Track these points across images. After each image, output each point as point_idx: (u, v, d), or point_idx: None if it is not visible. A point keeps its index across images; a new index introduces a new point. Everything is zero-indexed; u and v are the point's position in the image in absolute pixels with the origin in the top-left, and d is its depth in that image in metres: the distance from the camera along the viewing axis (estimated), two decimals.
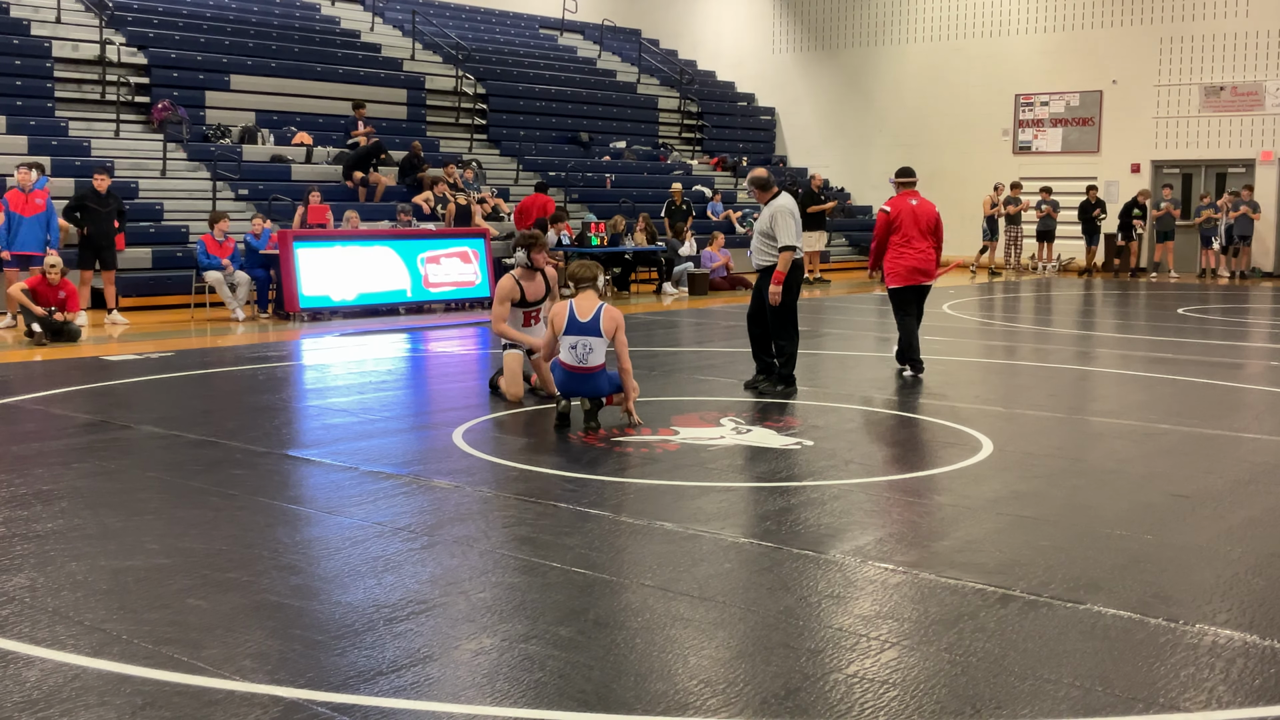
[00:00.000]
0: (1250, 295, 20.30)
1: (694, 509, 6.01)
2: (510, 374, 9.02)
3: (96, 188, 14.57)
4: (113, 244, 14.73)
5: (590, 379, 7.96)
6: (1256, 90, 24.07)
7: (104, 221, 14.51)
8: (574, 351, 7.93)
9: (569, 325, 7.95)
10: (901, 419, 8.48)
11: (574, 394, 7.97)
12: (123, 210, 15.05)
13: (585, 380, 7.94)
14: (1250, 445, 7.71)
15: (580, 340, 7.93)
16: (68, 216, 14.61)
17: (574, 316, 7.97)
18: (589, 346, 7.92)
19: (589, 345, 7.93)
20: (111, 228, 14.66)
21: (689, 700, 3.72)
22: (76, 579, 4.81)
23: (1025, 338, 14.48)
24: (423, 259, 16.61)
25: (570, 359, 7.94)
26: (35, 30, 19.90)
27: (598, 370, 7.98)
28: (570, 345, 7.94)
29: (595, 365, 7.95)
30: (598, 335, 7.95)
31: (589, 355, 7.93)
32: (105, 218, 14.53)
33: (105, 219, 14.52)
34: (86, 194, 14.58)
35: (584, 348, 7.92)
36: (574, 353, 7.93)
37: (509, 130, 24.95)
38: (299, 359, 12.15)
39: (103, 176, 14.73)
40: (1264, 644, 4.21)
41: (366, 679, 3.84)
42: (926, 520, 5.81)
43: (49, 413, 8.53)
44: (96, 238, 14.43)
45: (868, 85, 29.24)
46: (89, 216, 14.44)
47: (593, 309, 8.00)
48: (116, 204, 14.84)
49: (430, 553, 5.23)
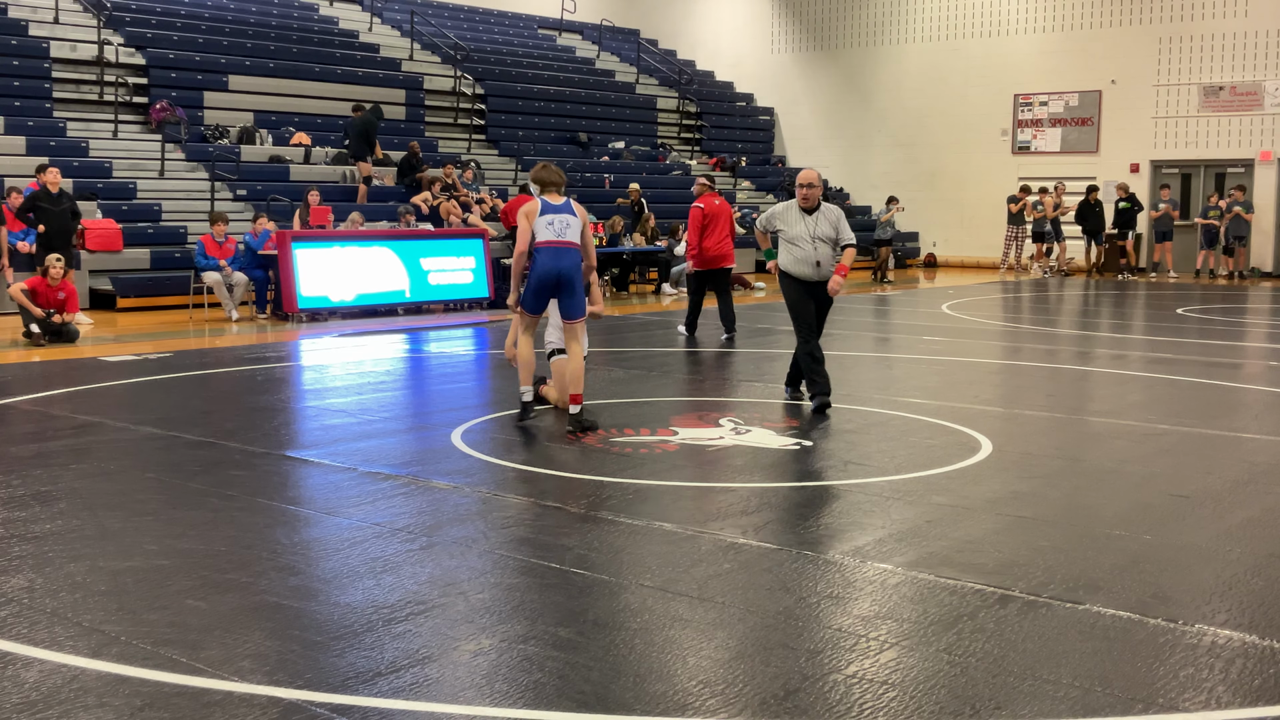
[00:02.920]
0: (1250, 296, 20.30)
1: (693, 509, 6.00)
2: (562, 379, 8.47)
3: (48, 186, 14.49)
4: (70, 243, 14.59)
5: (570, 253, 8.09)
6: (1255, 90, 24.07)
7: (59, 219, 14.37)
8: (552, 227, 8.08)
9: (544, 207, 8.12)
10: (901, 419, 8.48)
11: (555, 271, 8.03)
12: (76, 211, 14.88)
13: (564, 254, 8.05)
14: (1249, 445, 7.71)
15: (557, 217, 8.11)
16: (21, 217, 14.52)
17: (547, 202, 8.14)
18: (566, 223, 8.11)
19: (566, 221, 8.11)
20: (68, 225, 14.54)
21: (688, 701, 3.71)
22: (75, 580, 4.81)
23: (1024, 338, 14.47)
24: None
25: (549, 234, 8.07)
26: (33, 31, 19.89)
27: (576, 247, 8.16)
28: (548, 223, 8.09)
29: (573, 241, 8.13)
30: (573, 214, 8.17)
31: (566, 230, 8.09)
32: (59, 216, 14.40)
33: (59, 217, 14.39)
34: (39, 194, 14.48)
35: (561, 223, 8.11)
36: (552, 228, 8.08)
37: (507, 130, 24.95)
38: (298, 360, 12.15)
39: (54, 172, 14.61)
40: (1263, 644, 4.21)
41: (365, 680, 3.84)
42: (926, 521, 5.81)
43: (48, 413, 8.52)
44: (53, 236, 14.25)
45: (867, 85, 29.23)
46: (43, 216, 14.35)
47: (563, 200, 8.20)
48: (70, 203, 14.73)
49: (429, 553, 5.23)
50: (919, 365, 11.51)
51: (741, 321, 15.57)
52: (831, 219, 8.86)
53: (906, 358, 11.96)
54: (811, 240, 8.77)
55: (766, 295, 20.20)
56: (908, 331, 13.95)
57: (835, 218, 8.88)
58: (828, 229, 8.81)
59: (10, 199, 14.87)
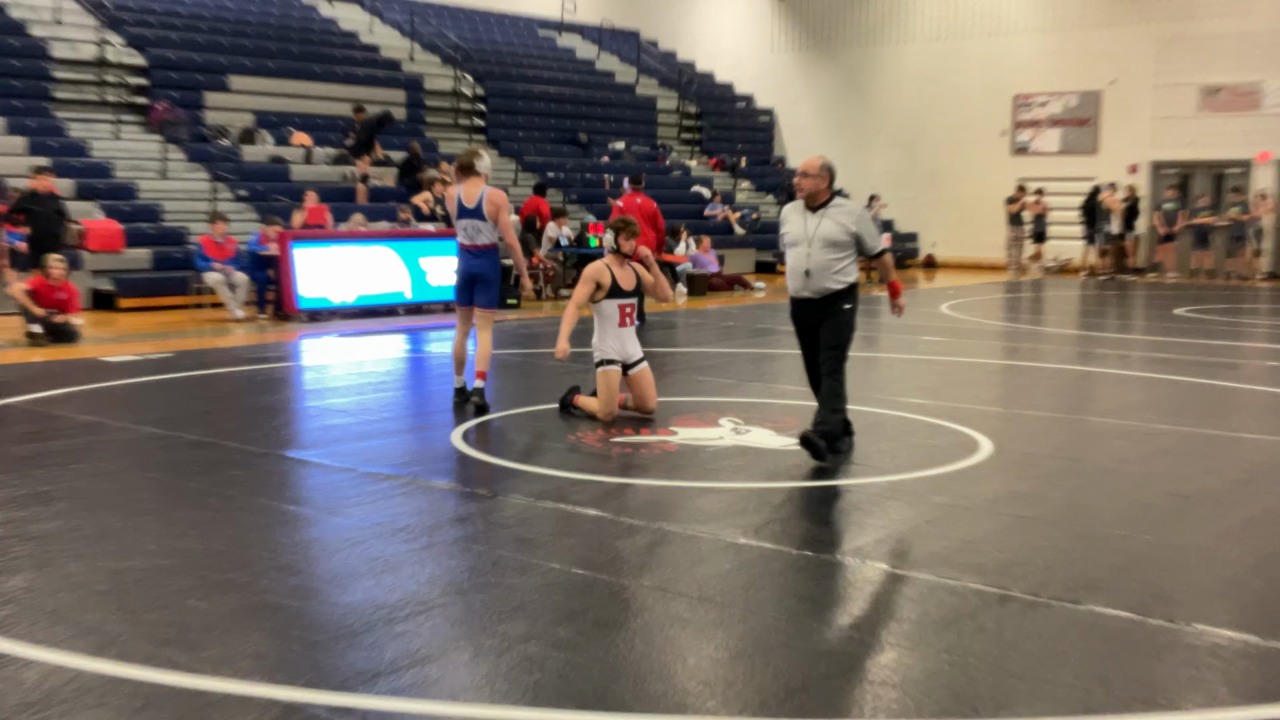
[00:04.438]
0: (1250, 296, 20.29)
1: (693, 509, 6.00)
2: (607, 393, 8.37)
3: (37, 189, 14.48)
4: (58, 245, 14.55)
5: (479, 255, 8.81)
6: (1254, 90, 24.06)
7: (46, 222, 14.35)
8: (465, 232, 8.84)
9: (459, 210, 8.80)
10: (901, 419, 8.48)
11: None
12: (62, 211, 14.79)
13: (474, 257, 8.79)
14: (1249, 445, 7.71)
15: (469, 223, 8.77)
16: (8, 217, 14.52)
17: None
18: (477, 229, 8.76)
19: (477, 227, 8.76)
20: (56, 228, 14.51)
21: (688, 701, 3.72)
22: (75, 580, 4.81)
23: (1024, 338, 14.47)
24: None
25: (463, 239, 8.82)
26: (34, 31, 19.89)
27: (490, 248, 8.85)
28: (462, 228, 8.84)
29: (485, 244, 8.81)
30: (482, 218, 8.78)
31: (478, 236, 8.76)
32: (47, 219, 14.39)
33: (47, 220, 14.37)
34: (27, 195, 14.46)
35: (473, 229, 8.76)
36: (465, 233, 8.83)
37: (508, 131, 24.95)
38: (298, 360, 12.15)
39: (44, 176, 14.61)
40: (1263, 644, 4.21)
41: (365, 680, 3.84)
42: (926, 521, 5.81)
43: (48, 413, 8.52)
44: (40, 239, 14.21)
45: (866, 85, 29.23)
46: (32, 218, 14.32)
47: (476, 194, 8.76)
48: (55, 204, 14.71)
49: (429, 553, 5.23)
50: (919, 365, 11.51)
51: (742, 321, 15.57)
52: (844, 220, 7.13)
53: (906, 358, 11.96)
54: (808, 243, 7.13)
55: (766, 295, 20.21)
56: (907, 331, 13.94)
57: (851, 219, 7.12)
58: (835, 231, 7.08)
59: (10, 199, 14.88)
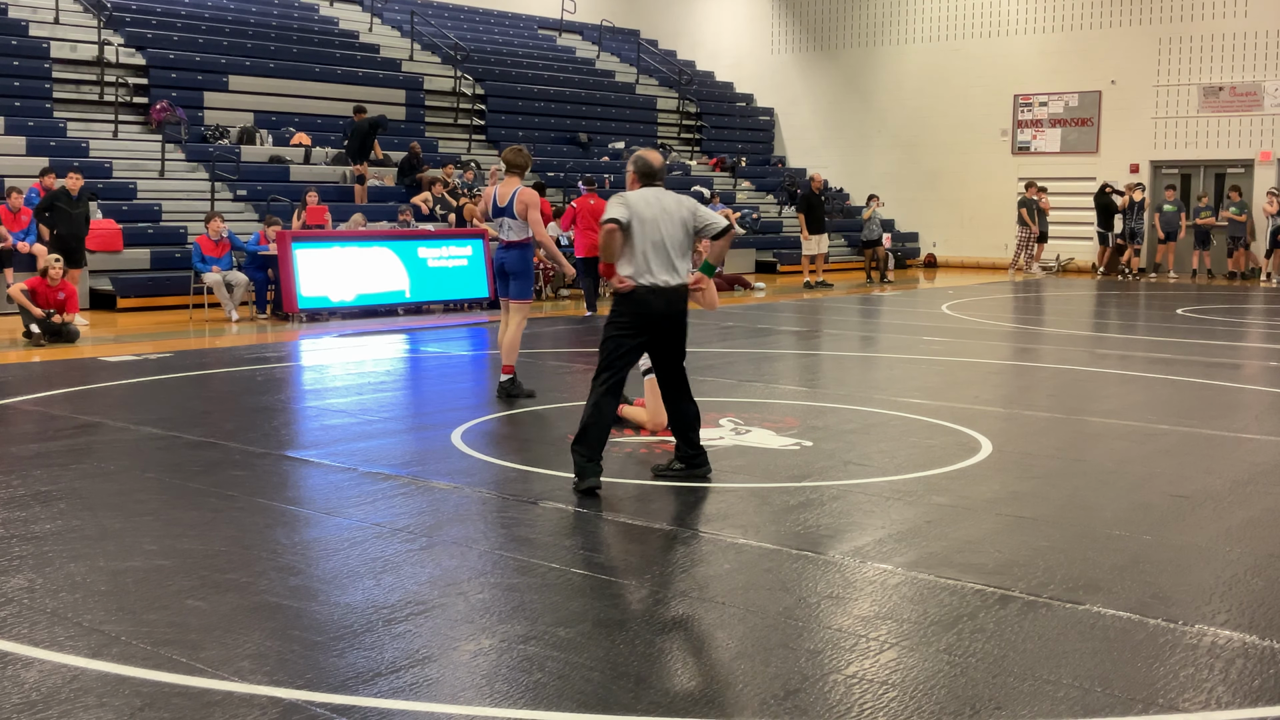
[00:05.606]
0: (1250, 296, 20.30)
1: (693, 509, 6.00)
2: (656, 401, 7.62)
3: (69, 188, 14.50)
4: (82, 244, 14.62)
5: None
6: (1255, 90, 24.06)
7: (74, 223, 14.41)
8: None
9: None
10: (901, 419, 8.48)
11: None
12: (88, 215, 14.87)
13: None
14: (1250, 446, 7.71)
15: (501, 220, 9.26)
16: (38, 216, 14.57)
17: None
18: (509, 226, 9.25)
19: (509, 225, 9.25)
20: (82, 228, 14.58)
21: (688, 701, 3.71)
22: (75, 580, 4.81)
23: (1024, 338, 14.47)
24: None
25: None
26: (34, 31, 19.88)
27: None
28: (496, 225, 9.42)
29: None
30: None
31: (509, 232, 9.24)
32: (75, 219, 14.44)
33: (75, 220, 14.44)
34: (58, 194, 14.51)
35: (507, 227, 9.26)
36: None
37: (508, 131, 24.93)
38: (297, 360, 12.14)
39: (76, 176, 14.65)
40: (1263, 644, 4.21)
41: (365, 680, 3.84)
42: (926, 521, 5.81)
43: (47, 414, 8.52)
44: (66, 238, 14.28)
45: (867, 85, 29.22)
46: (59, 217, 14.36)
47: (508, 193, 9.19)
48: (85, 206, 14.75)
49: (429, 554, 5.23)
50: (919, 365, 11.51)
51: (742, 321, 15.57)
52: (685, 207, 6.51)
53: (906, 358, 11.96)
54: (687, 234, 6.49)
55: (767, 295, 20.21)
56: (908, 332, 13.95)
57: (685, 201, 6.55)
58: (680, 219, 6.45)
59: (10, 199, 14.90)
